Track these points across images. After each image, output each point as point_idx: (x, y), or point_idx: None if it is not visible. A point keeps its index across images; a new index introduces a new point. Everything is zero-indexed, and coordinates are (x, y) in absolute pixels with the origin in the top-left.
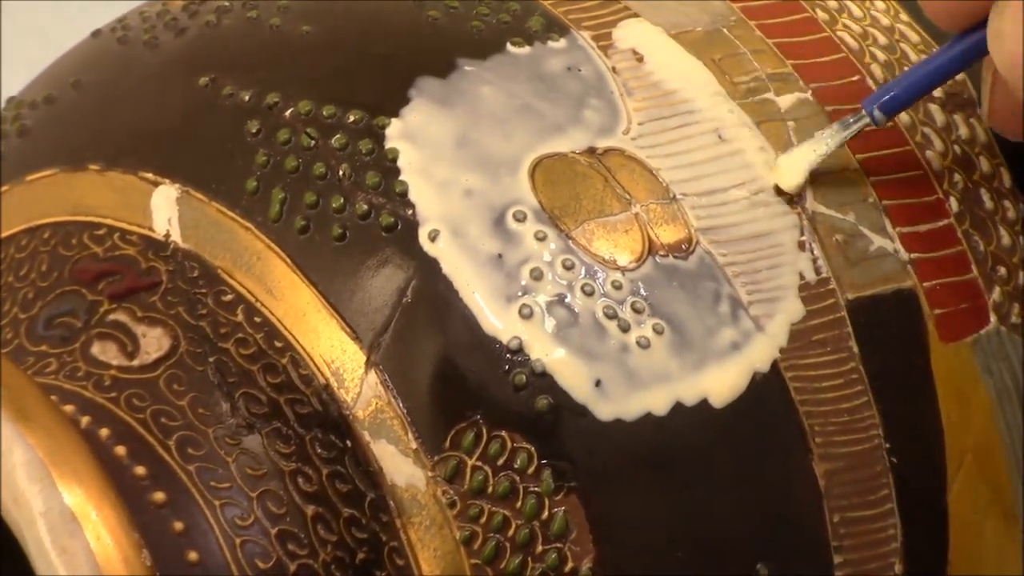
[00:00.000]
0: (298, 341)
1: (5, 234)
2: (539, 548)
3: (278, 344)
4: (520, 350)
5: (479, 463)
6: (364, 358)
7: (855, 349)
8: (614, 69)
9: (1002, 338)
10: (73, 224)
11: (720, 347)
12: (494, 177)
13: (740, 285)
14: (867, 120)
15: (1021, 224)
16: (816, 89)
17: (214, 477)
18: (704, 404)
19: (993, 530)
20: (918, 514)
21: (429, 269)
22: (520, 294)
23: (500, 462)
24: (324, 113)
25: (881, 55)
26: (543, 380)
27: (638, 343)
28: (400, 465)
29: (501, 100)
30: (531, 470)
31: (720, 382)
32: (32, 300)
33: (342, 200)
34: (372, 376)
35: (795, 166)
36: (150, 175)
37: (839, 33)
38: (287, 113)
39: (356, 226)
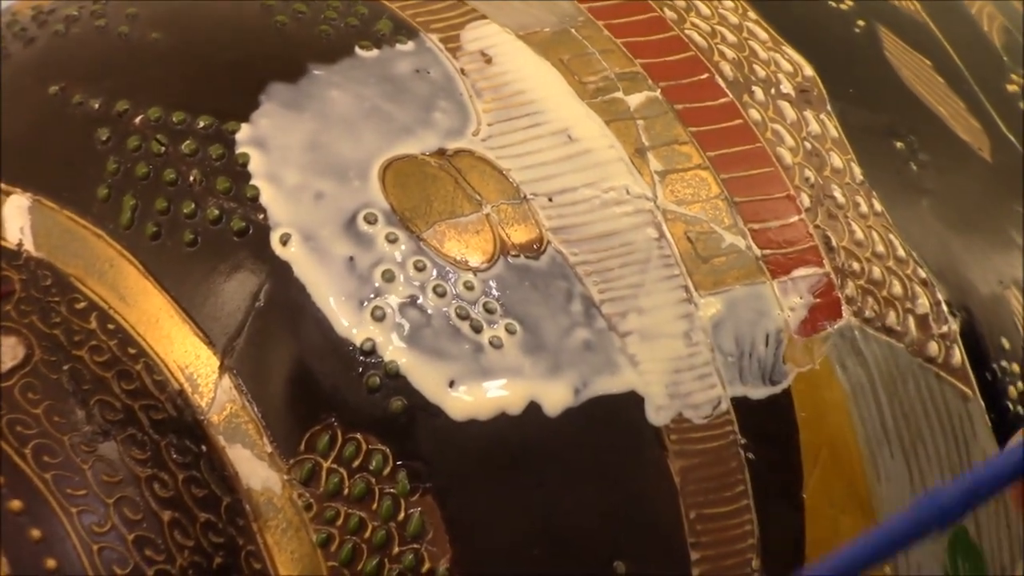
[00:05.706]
0: (151, 347)
1: None
2: (396, 549)
3: (132, 350)
4: (373, 352)
5: (335, 465)
6: (218, 363)
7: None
8: (463, 71)
9: (856, 332)
10: None
11: (574, 346)
12: (344, 180)
13: (592, 284)
14: None
15: (874, 217)
16: (665, 88)
17: (70, 484)
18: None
19: (849, 523)
20: (774, 509)
21: (281, 273)
22: (372, 296)
23: (355, 464)
24: (174, 119)
25: (730, 52)
26: (397, 381)
27: (491, 343)
28: (255, 469)
29: (350, 103)
30: (386, 471)
31: (574, 381)
32: None
33: (193, 206)
34: (226, 381)
35: None
36: (1, 185)
37: (687, 32)
38: (137, 120)
39: (207, 231)
